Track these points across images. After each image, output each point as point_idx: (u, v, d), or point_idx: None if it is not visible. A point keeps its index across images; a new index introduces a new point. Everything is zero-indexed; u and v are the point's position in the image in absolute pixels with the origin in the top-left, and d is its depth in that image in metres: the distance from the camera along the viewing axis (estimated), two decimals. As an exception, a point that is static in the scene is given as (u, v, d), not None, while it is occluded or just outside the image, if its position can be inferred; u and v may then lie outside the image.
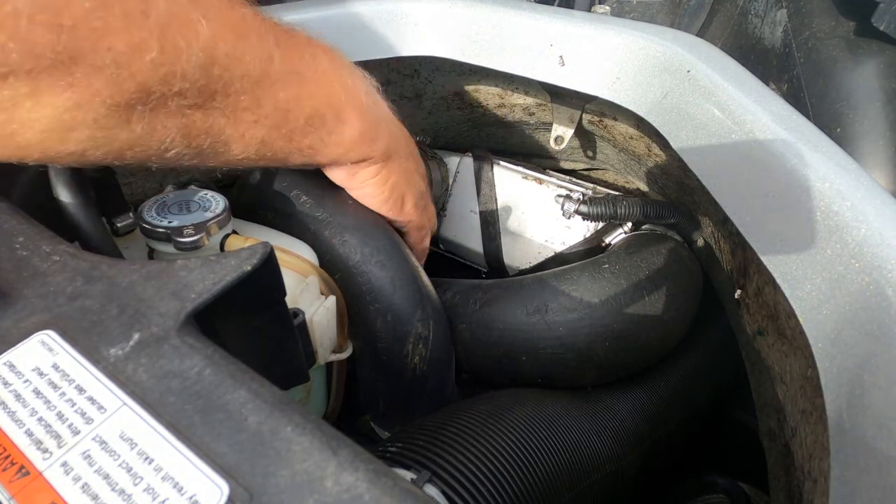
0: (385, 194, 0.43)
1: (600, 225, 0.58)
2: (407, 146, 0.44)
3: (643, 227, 0.55)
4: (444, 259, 0.69)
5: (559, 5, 0.98)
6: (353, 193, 0.43)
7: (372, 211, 0.45)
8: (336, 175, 0.41)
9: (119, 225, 0.40)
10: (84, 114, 0.25)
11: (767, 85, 0.38)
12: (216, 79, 0.28)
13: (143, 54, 0.25)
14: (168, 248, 0.37)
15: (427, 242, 0.54)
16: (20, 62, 0.22)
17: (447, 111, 0.64)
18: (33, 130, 0.24)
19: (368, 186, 0.42)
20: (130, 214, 0.41)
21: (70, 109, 0.24)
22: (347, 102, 0.36)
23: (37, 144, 0.25)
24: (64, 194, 0.31)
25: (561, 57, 0.45)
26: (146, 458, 0.19)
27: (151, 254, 0.40)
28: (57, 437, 0.19)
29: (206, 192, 0.41)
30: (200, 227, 0.37)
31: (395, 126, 0.42)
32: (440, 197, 0.65)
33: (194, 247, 0.37)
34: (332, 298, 0.41)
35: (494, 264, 0.64)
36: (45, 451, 0.19)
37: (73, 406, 0.20)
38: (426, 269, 0.48)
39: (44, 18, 0.21)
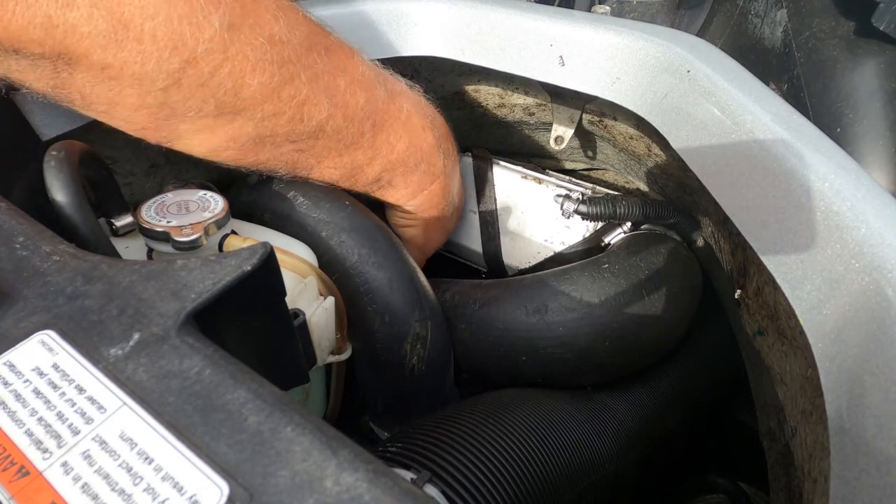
0: (409, 235, 0.52)
1: (599, 225, 0.58)
2: (440, 205, 0.51)
3: (642, 226, 0.55)
4: (444, 259, 0.69)
5: (559, 5, 0.98)
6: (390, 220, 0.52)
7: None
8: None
9: (118, 225, 0.40)
10: (235, 143, 0.37)
11: (767, 85, 0.38)
12: (318, 139, 0.40)
13: (280, 118, 0.37)
14: (167, 248, 0.37)
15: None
16: (213, 112, 0.35)
17: (447, 111, 0.63)
18: (203, 148, 0.38)
19: (399, 226, 0.52)
20: (130, 215, 0.41)
21: (227, 140, 0.37)
22: (402, 175, 0.46)
23: (202, 154, 0.38)
24: (59, 195, 0.31)
25: (561, 57, 0.45)
26: (146, 458, 0.19)
27: (150, 254, 0.40)
28: (57, 437, 0.19)
29: (205, 192, 0.41)
30: (199, 226, 0.37)
31: (438, 187, 0.49)
32: None
33: (193, 247, 0.37)
34: (331, 299, 0.41)
35: (494, 264, 0.64)
36: (45, 451, 0.19)
37: (73, 406, 0.20)
38: (425, 269, 0.48)
39: (233, 92, 0.34)
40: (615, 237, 0.55)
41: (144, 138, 0.36)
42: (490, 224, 0.62)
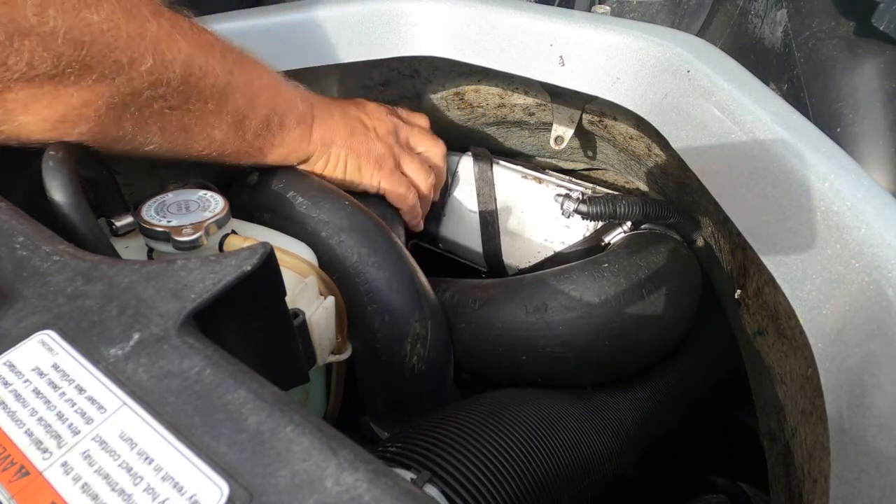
0: (341, 174, 0.49)
1: (599, 224, 0.58)
2: (346, 127, 0.48)
3: (643, 226, 0.55)
4: (444, 259, 0.69)
5: (559, 5, 0.98)
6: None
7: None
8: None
9: (118, 225, 0.40)
10: (89, 111, 0.30)
11: (767, 85, 0.38)
12: (191, 86, 0.35)
13: (140, 65, 0.31)
14: (167, 248, 0.37)
15: (416, 210, 0.55)
16: (49, 69, 0.27)
17: (447, 111, 0.64)
18: (45, 125, 0.30)
19: (327, 174, 0.49)
20: (130, 215, 0.41)
21: (78, 107, 0.30)
22: (288, 110, 0.43)
23: (42, 134, 0.30)
24: (58, 195, 0.31)
25: (561, 57, 0.45)
26: (146, 458, 0.19)
27: (151, 254, 0.40)
28: (57, 437, 0.19)
29: (205, 192, 0.41)
30: (199, 226, 0.37)
31: (329, 117, 0.47)
32: (439, 196, 0.65)
33: (193, 246, 0.37)
34: (332, 299, 0.41)
35: (494, 264, 0.64)
36: (45, 451, 0.19)
37: (73, 406, 0.20)
38: (425, 269, 0.48)
39: (71, 36, 0.27)
40: (615, 237, 0.55)
41: None
42: (490, 224, 0.63)
